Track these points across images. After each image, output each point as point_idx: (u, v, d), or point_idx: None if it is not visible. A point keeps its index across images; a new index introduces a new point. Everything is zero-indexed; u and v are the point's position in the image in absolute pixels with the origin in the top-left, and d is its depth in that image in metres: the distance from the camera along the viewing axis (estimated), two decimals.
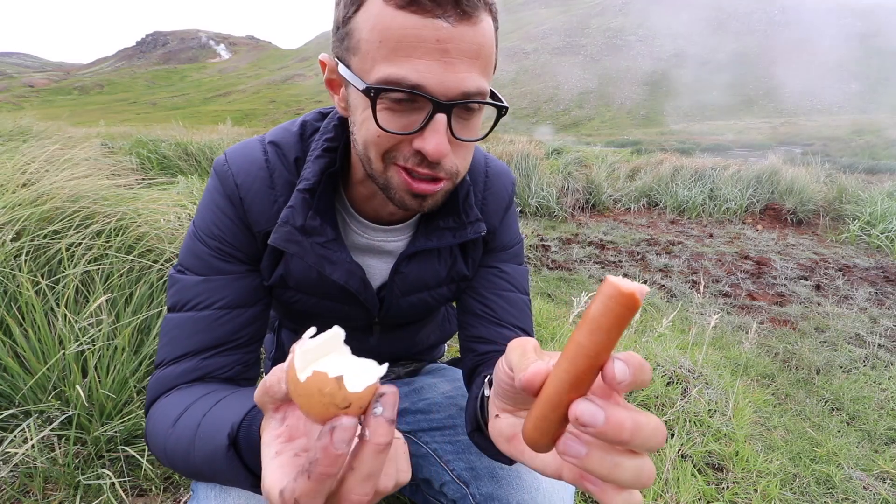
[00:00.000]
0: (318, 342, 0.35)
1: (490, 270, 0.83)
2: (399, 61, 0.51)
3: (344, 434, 0.31)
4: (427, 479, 0.84)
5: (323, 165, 0.67)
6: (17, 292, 1.36)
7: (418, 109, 0.55)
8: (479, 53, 0.54)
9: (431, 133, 0.54)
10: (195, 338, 0.66)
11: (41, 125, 3.68)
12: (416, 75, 0.51)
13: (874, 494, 1.54)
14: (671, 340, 2.25)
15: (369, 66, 0.54)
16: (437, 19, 0.50)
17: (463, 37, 0.51)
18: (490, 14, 0.55)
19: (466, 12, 0.51)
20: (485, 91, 0.56)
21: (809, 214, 6.00)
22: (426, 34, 0.50)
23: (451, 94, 0.53)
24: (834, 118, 47.29)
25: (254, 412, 0.53)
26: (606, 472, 0.32)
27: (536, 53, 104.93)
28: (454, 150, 0.59)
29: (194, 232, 0.70)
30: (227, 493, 0.66)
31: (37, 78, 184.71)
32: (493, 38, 0.56)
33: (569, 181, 6.38)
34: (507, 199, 0.83)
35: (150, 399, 0.67)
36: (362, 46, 0.54)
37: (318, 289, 0.75)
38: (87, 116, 57.35)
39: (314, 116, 0.75)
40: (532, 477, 0.73)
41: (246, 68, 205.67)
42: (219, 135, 7.66)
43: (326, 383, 0.31)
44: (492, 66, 0.58)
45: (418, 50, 0.51)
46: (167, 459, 0.62)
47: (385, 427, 0.32)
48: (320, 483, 0.31)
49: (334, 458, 0.30)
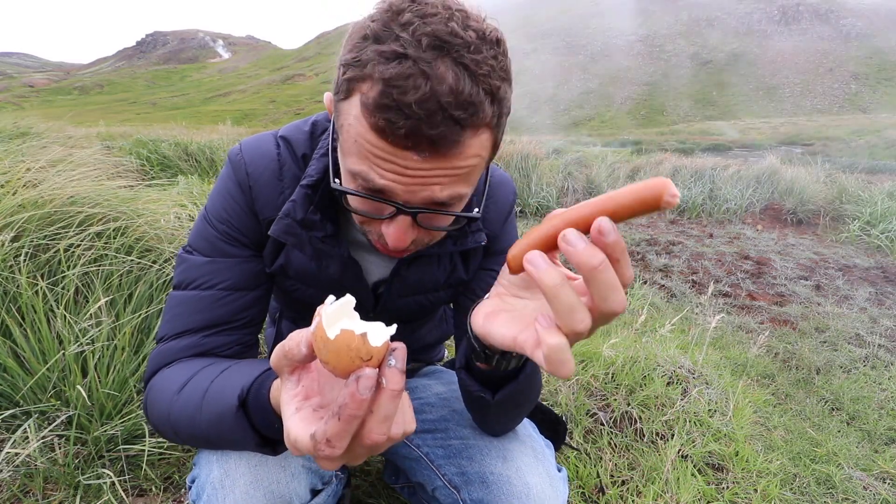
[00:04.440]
0: (336, 306, 0.40)
1: (488, 273, 0.84)
2: (369, 165, 0.52)
3: (367, 382, 0.36)
4: (420, 482, 0.84)
5: (327, 164, 0.69)
6: (16, 293, 1.36)
7: (386, 207, 0.57)
8: (457, 174, 0.53)
9: (394, 227, 0.57)
10: (198, 315, 0.70)
11: (42, 125, 3.68)
12: (381, 182, 0.52)
13: (874, 494, 1.54)
14: (671, 340, 2.25)
15: (345, 156, 0.55)
16: (408, 151, 0.49)
17: (437, 165, 0.51)
18: (486, 129, 0.52)
19: (440, 150, 0.49)
20: (461, 195, 0.56)
21: (809, 214, 6.00)
22: (397, 161, 0.50)
23: (417, 202, 0.55)
24: (834, 118, 47.26)
25: (263, 377, 0.56)
26: (558, 283, 0.36)
27: (536, 53, 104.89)
28: (425, 232, 0.62)
29: (205, 215, 0.74)
30: (227, 457, 0.67)
31: (37, 78, 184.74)
32: (482, 153, 0.54)
33: (569, 181, 6.39)
34: (508, 208, 0.85)
35: (151, 371, 0.69)
36: (343, 136, 0.54)
37: (316, 280, 0.77)
38: (87, 116, 57.37)
39: (325, 117, 0.77)
40: (523, 483, 0.73)
41: (246, 68, 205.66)
42: (219, 135, 7.66)
43: (353, 339, 0.36)
44: (479, 172, 0.57)
45: (387, 168, 0.51)
46: (170, 425, 0.64)
47: (398, 376, 0.37)
48: (348, 423, 0.36)
49: (360, 402, 0.36)
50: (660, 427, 1.61)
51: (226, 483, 0.65)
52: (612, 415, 1.64)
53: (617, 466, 1.45)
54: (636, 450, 1.52)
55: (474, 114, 0.48)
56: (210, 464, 0.68)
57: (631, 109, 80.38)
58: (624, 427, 1.61)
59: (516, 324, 0.45)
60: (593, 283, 0.35)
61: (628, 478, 1.41)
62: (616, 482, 1.39)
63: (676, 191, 0.33)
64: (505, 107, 0.53)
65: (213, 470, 0.66)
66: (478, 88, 0.48)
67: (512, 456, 0.76)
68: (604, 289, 0.35)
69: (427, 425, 0.86)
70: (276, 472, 0.67)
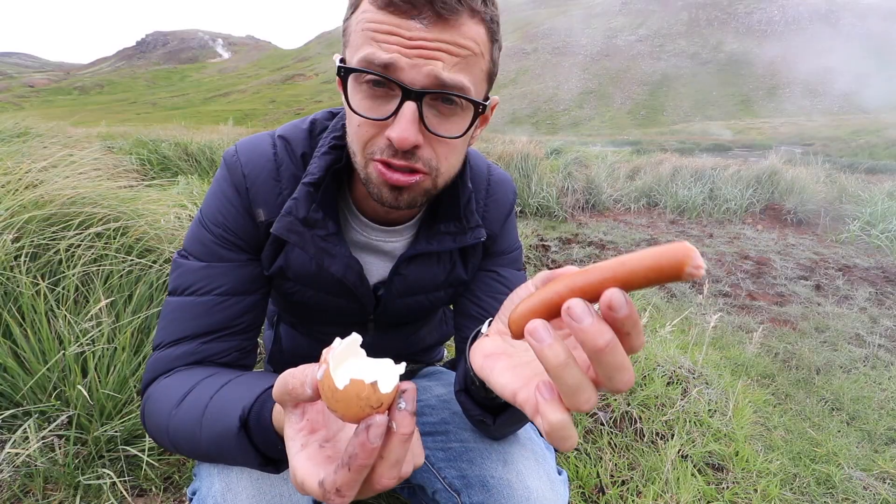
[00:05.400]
0: (343, 346, 0.39)
1: (488, 274, 0.84)
2: (374, 44, 0.55)
3: (378, 430, 0.35)
4: (420, 485, 0.84)
5: (328, 162, 0.69)
6: (17, 293, 1.36)
7: (391, 97, 0.57)
8: (458, 52, 0.55)
9: (398, 120, 0.56)
10: (194, 322, 0.68)
11: (42, 125, 3.67)
12: (386, 56, 0.54)
13: (874, 494, 1.54)
14: (671, 340, 2.25)
15: (352, 54, 0.57)
16: (412, 20, 0.53)
17: (438, 36, 0.54)
18: (480, 22, 0.56)
19: (442, 15, 0.53)
20: (464, 87, 0.56)
21: (809, 214, 6.00)
22: (401, 32, 0.53)
23: (422, 81, 0.55)
24: (834, 118, 47.26)
25: (264, 397, 0.55)
26: (562, 363, 0.33)
27: (536, 53, 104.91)
28: (432, 145, 0.60)
29: (200, 219, 0.72)
30: (229, 471, 0.66)
31: (37, 78, 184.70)
32: (479, 43, 0.57)
33: (569, 181, 6.38)
34: (508, 207, 0.85)
35: (149, 379, 0.68)
36: (351, 39, 0.58)
37: (316, 281, 0.76)
38: (87, 116, 57.42)
39: (324, 115, 0.77)
40: (523, 487, 0.72)
41: (246, 68, 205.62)
42: (219, 135, 7.65)
43: (363, 388, 0.35)
44: (478, 70, 0.58)
45: (392, 41, 0.54)
46: (168, 439, 0.63)
47: (409, 419, 0.37)
48: (359, 473, 0.36)
49: (370, 451, 0.35)
50: (660, 427, 1.61)
51: (227, 497, 0.64)
52: (612, 415, 1.64)
53: (617, 466, 1.45)
54: (636, 450, 1.52)
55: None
56: (211, 476, 0.67)
57: (631, 109, 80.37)
58: (624, 427, 1.61)
59: (517, 377, 0.42)
60: (599, 364, 0.32)
61: (628, 478, 1.41)
62: (616, 482, 1.39)
63: (702, 261, 0.29)
64: (496, 20, 0.58)
65: (215, 483, 0.66)
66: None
67: (512, 459, 0.76)
68: (610, 370, 0.32)
69: (427, 428, 0.85)
70: (279, 486, 0.66)
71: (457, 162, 0.66)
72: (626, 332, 0.32)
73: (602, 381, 0.34)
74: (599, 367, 0.33)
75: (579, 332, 0.32)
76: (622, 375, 0.33)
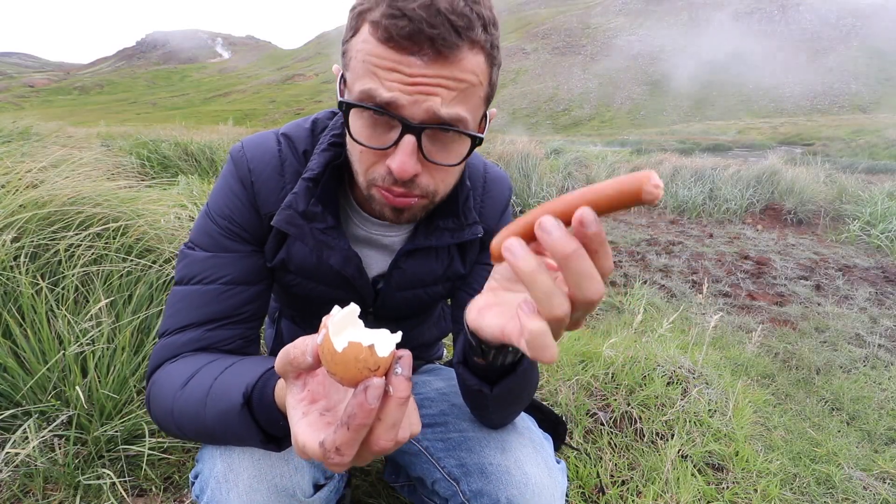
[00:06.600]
0: (341, 315, 0.41)
1: (485, 267, 0.86)
2: (375, 80, 0.56)
3: (376, 391, 0.37)
4: (420, 477, 0.85)
5: (328, 158, 0.71)
6: (17, 293, 1.36)
7: (392, 128, 0.59)
8: (456, 87, 0.56)
9: (398, 152, 0.58)
10: (200, 310, 0.71)
11: (42, 125, 3.68)
12: (387, 94, 0.55)
13: (874, 494, 1.54)
14: (671, 340, 2.25)
15: (353, 83, 0.59)
16: (412, 56, 0.54)
17: (438, 73, 0.55)
18: (479, 51, 0.57)
19: (441, 52, 0.54)
20: (461, 119, 0.58)
21: (809, 214, 6.00)
22: (402, 69, 0.54)
23: (421, 116, 0.56)
24: (834, 118, 47.26)
25: (267, 375, 0.57)
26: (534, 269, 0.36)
27: (536, 53, 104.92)
28: (430, 171, 0.63)
29: (207, 211, 0.75)
30: (231, 452, 0.68)
31: (37, 78, 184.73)
32: (477, 74, 0.58)
33: (569, 181, 6.39)
34: (504, 203, 0.87)
35: (154, 365, 0.70)
36: (352, 64, 0.59)
37: (316, 274, 0.78)
38: (87, 116, 57.40)
39: (326, 115, 0.80)
40: (521, 473, 0.74)
41: (246, 68, 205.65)
42: (219, 135, 7.66)
43: (361, 351, 0.37)
44: (476, 98, 0.60)
45: (393, 78, 0.55)
46: (173, 420, 0.65)
47: (405, 383, 0.39)
48: (357, 432, 0.38)
49: (368, 412, 0.37)
50: (660, 427, 1.61)
51: (229, 477, 0.65)
52: (612, 415, 1.64)
53: (617, 466, 1.45)
54: (636, 450, 1.52)
55: (469, 26, 0.54)
56: (213, 458, 0.68)
57: (631, 109, 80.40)
58: (624, 427, 1.61)
59: (504, 315, 0.45)
60: (567, 270, 0.35)
61: (628, 478, 1.41)
62: (616, 482, 1.39)
63: (659, 181, 0.32)
64: (496, 45, 0.59)
65: (217, 464, 0.67)
66: (471, 9, 0.54)
67: (511, 447, 0.77)
68: (577, 277, 0.35)
69: (426, 420, 0.87)
70: (280, 465, 0.67)
71: (454, 181, 0.69)
72: (595, 250, 0.35)
73: (573, 291, 0.36)
74: (568, 275, 0.35)
75: (549, 243, 0.35)
76: (590, 283, 0.35)
